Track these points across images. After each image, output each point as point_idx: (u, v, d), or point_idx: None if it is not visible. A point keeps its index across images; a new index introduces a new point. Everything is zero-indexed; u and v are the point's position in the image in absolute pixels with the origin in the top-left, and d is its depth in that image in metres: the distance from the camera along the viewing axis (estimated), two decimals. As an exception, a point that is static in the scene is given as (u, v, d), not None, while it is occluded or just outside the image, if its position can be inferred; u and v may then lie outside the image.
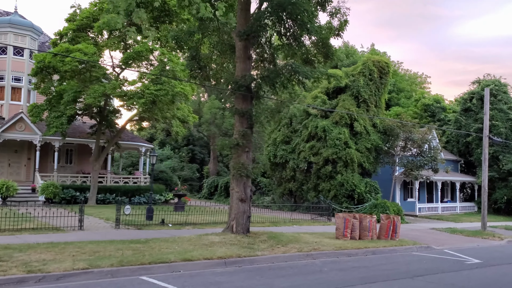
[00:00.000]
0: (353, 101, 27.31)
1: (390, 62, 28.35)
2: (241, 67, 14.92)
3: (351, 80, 27.70)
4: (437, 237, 19.53)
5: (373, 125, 27.62)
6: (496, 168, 34.54)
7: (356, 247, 14.34)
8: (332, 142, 26.60)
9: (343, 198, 26.35)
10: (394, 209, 24.61)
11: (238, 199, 14.51)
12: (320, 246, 13.84)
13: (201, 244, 12.63)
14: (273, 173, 31.16)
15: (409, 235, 19.19)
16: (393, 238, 16.95)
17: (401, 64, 55.16)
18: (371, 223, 16.58)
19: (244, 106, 14.74)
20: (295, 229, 18.67)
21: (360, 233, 16.46)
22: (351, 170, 26.35)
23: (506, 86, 36.13)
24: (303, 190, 28.96)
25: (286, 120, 30.12)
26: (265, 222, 19.98)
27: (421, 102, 40.49)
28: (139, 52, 22.40)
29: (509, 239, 20.00)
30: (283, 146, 29.97)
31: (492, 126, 34.58)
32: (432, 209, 32.52)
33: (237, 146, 14.42)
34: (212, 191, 38.78)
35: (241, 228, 14.45)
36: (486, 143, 22.37)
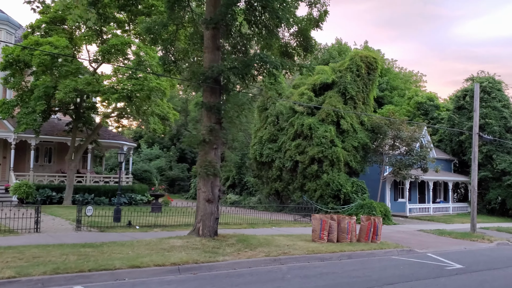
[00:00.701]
0: (340, 98, 26.35)
1: (378, 57, 27.39)
2: (209, 58, 13.96)
3: (338, 76, 26.74)
4: (423, 239, 18.57)
5: (360, 123, 26.65)
6: (490, 168, 33.59)
7: (331, 250, 13.37)
8: (318, 140, 25.65)
9: (329, 198, 25.40)
10: (381, 209, 23.67)
11: (204, 200, 13.55)
12: (292, 250, 12.87)
13: (159, 249, 11.66)
14: (259, 172, 30.20)
15: (394, 237, 18.25)
16: (374, 241, 15.99)
17: (395, 62, 54.27)
18: (350, 224, 15.61)
19: (212, 100, 13.78)
20: (272, 231, 17.72)
21: (338, 236, 15.51)
22: (337, 169, 25.39)
23: (500, 84, 35.16)
24: (289, 190, 28.00)
25: (273, 117, 29.17)
26: (242, 223, 19.02)
27: (414, 100, 39.51)
28: (114, 46, 21.42)
29: (499, 242, 19.04)
30: (269, 145, 29.01)
31: (486, 125, 33.65)
32: (423, 209, 31.55)
33: (204, 142, 13.44)
34: (199, 191, 37.76)
35: (208, 231, 13.49)
36: (476, 141, 21.42)
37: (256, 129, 30.59)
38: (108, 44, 21.57)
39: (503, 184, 32.78)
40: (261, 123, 30.18)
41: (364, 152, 26.71)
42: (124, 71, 21.45)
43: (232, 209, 24.26)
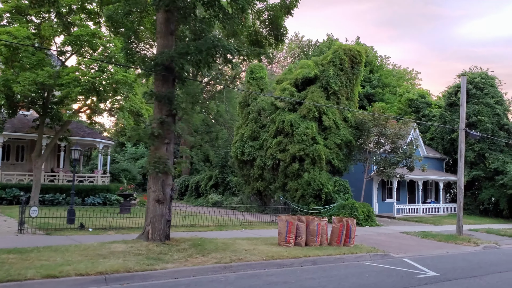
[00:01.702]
0: (322, 93, 25.08)
1: (363, 50, 26.08)
2: (162, 43, 12.72)
3: (321, 71, 25.46)
4: (404, 242, 17.31)
5: (344, 119, 25.37)
6: (483, 167, 32.32)
7: (294, 255, 12.11)
8: (299, 138, 24.40)
9: (310, 198, 24.14)
10: (363, 210, 22.42)
11: (154, 200, 12.30)
12: (249, 256, 11.61)
13: (95, 255, 10.42)
14: (241, 171, 28.95)
15: (372, 240, 17.00)
16: (346, 244, 14.73)
17: (388, 59, 52.93)
18: (320, 227, 14.35)
19: (164, 90, 12.54)
20: (241, 233, 16.48)
21: (307, 239, 14.25)
22: (318, 168, 24.13)
23: (493, 79, 33.88)
24: (270, 189, 26.75)
25: (254, 114, 27.91)
26: (211, 225, 17.78)
27: (405, 97, 38.23)
28: (79, 37, 20.19)
29: (485, 245, 17.78)
30: (250, 142, 27.76)
31: (478, 122, 32.39)
32: (413, 210, 30.27)
33: (153, 136, 12.19)
34: (182, 191, 36.59)
35: (158, 234, 12.23)
36: (463, 138, 20.17)
37: (238, 126, 29.36)
38: (73, 35, 20.34)
39: (496, 183, 31.50)
40: (243, 120, 28.95)
41: (348, 150, 25.46)
42: (88, 63, 20.22)
43: (214, 210, 23.04)
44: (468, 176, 32.72)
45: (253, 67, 29.32)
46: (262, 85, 28.67)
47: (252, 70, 28.98)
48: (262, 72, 28.98)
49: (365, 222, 22.24)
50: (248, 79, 29.00)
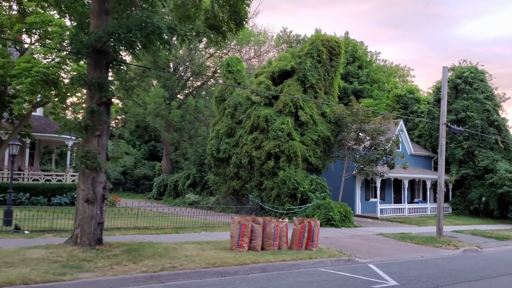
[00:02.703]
0: (299, 87, 23.69)
1: (342, 42, 24.63)
2: (95, 24, 11.34)
3: (298, 63, 24.07)
4: (377, 245, 15.95)
5: (322, 115, 23.99)
6: (472, 165, 30.95)
7: (240, 262, 10.74)
8: (275, 134, 23.04)
9: (285, 198, 22.77)
10: (339, 210, 21.06)
11: (83, 200, 10.92)
12: (187, 263, 10.25)
13: (2, 263, 9.05)
14: (217, 169, 27.56)
15: (342, 243, 15.66)
16: (309, 248, 13.37)
17: (379, 55, 51.52)
18: (278, 229, 12.97)
19: (97, 75, 11.15)
20: (198, 236, 15.11)
21: (264, 242, 12.89)
22: (294, 166, 22.76)
23: (483, 74, 32.50)
24: (246, 189, 25.36)
25: (230, 109, 26.50)
26: (167, 228, 16.39)
27: (393, 93, 36.84)
28: (33, 24, 18.82)
29: (466, 248, 16.43)
30: (226, 139, 26.38)
31: (467, 118, 31.04)
32: (398, 210, 28.91)
33: (81, 127, 10.81)
34: (161, 190, 35.16)
35: (88, 238, 10.85)
36: (443, 132, 18.82)
37: (214, 122, 27.97)
38: (27, 23, 18.97)
39: (486, 182, 30.14)
40: (219, 116, 27.56)
41: (326, 147, 24.08)
42: (43, 52, 18.85)
43: (187, 210, 21.72)
44: (457, 175, 31.42)
45: (229, 60, 27.95)
46: (239, 78, 27.28)
47: (229, 63, 27.60)
48: (239, 65, 27.60)
49: (341, 223, 20.89)
50: (225, 72, 27.62)
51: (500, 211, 31.80)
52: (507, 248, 17.83)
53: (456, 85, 32.20)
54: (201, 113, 33.11)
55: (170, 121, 32.25)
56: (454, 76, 32.67)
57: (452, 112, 31.78)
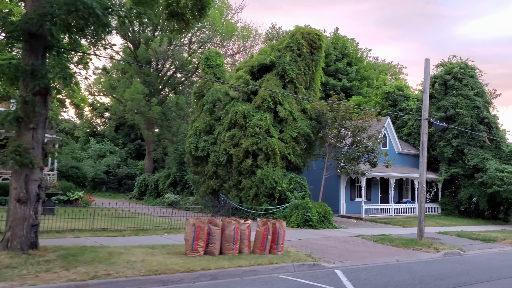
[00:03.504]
0: (279, 81, 22.67)
1: (322, 35, 23.59)
2: (31, 4, 10.27)
3: (277, 56, 23.03)
4: (352, 248, 14.93)
5: (302, 111, 22.96)
6: (461, 164, 29.96)
7: (188, 269, 9.70)
8: (253, 130, 22.00)
9: (263, 198, 21.77)
10: (318, 210, 20.04)
11: (15, 200, 9.85)
12: (125, 270, 9.21)
13: None
14: (195, 168, 26.51)
15: (314, 246, 14.64)
16: (273, 252, 12.35)
17: (370, 52, 50.52)
18: (238, 231, 11.94)
19: (32, 62, 10.10)
20: (159, 239, 14.08)
21: (222, 246, 11.85)
22: (272, 164, 21.74)
23: (473, 70, 31.51)
24: (224, 188, 24.32)
25: (209, 105, 25.44)
26: (127, 229, 15.34)
27: (381, 89, 35.84)
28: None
29: (447, 251, 15.42)
30: (205, 137, 25.32)
31: (456, 115, 30.05)
32: (385, 210, 27.89)
33: (13, 120, 9.75)
34: (143, 190, 34.09)
35: (19, 242, 9.79)
36: (425, 128, 17.81)
37: (193, 119, 26.92)
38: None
39: (476, 182, 29.15)
40: (198, 112, 26.51)
41: (307, 145, 23.06)
42: None
43: (162, 210, 20.78)
44: (446, 174, 30.44)
45: (208, 54, 26.89)
46: (219, 73, 26.23)
47: (208, 57, 26.55)
48: (218, 60, 26.55)
49: (320, 224, 19.88)
50: (203, 67, 26.56)
51: (491, 211, 30.85)
52: (491, 251, 16.83)
53: (445, 81, 31.22)
54: (183, 110, 32.07)
55: (150, 118, 31.18)
56: (443, 72, 31.70)
57: (441, 109, 30.81)
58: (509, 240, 19.49)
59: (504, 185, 27.01)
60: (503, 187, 26.99)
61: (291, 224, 19.83)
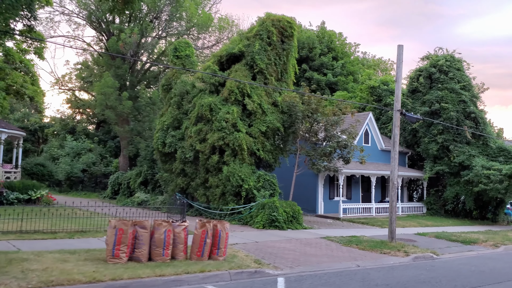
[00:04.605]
0: (248, 72, 21.19)
1: (294, 22, 22.08)
2: None
3: (246, 45, 21.55)
4: (311, 251, 13.47)
5: (273, 104, 21.48)
6: (447, 161, 28.52)
7: (94, 279, 8.24)
8: (219, 124, 20.53)
9: (230, 197, 20.30)
10: (286, 210, 18.58)
11: None
12: (14, 281, 7.77)
13: None
14: (163, 165, 25.02)
15: (269, 249, 13.21)
16: (213, 257, 10.88)
17: (358, 47, 49.05)
18: (169, 234, 10.46)
19: None
20: (94, 242, 12.59)
21: (151, 251, 10.38)
22: (240, 160, 20.28)
23: (460, 62, 30.05)
24: (192, 186, 22.85)
25: (177, 98, 23.95)
26: (62, 232, 13.80)
27: (365, 84, 34.37)
28: None
29: (417, 255, 13.96)
30: (172, 132, 23.84)
31: (441, 110, 28.61)
32: (366, 210, 26.44)
33: None
34: (116, 189, 32.56)
35: None
36: (397, 121, 16.35)
37: (161, 113, 25.44)
38: None
39: (462, 180, 27.71)
40: (166, 106, 25.03)
41: (279, 140, 21.61)
42: None
43: (133, 211, 19.05)
44: (431, 172, 29.01)
45: (177, 44, 25.39)
46: (188, 64, 24.73)
47: (176, 48, 25.05)
48: (188, 50, 25.04)
49: (287, 224, 18.42)
50: (172, 57, 25.06)
51: (479, 211, 29.43)
52: (469, 254, 15.39)
53: (430, 75, 29.78)
54: (156, 104, 30.60)
55: (121, 113, 29.68)
56: (428, 65, 30.24)
57: (426, 104, 29.37)
58: (491, 242, 18.07)
59: (490, 183, 25.58)
60: (489, 185, 25.57)
61: (256, 225, 18.37)
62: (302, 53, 40.32)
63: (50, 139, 47.62)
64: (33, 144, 51.86)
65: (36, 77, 22.28)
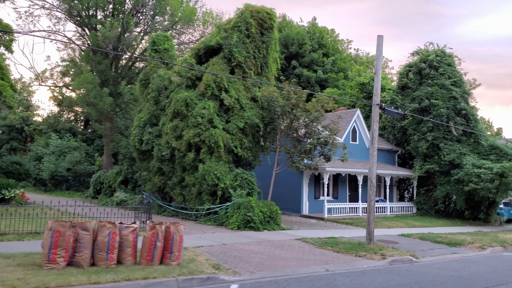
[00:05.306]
0: (225, 65, 20.27)
1: (274, 13, 21.10)
2: None
3: (223, 37, 20.63)
4: (280, 254, 12.55)
5: (252, 99, 20.56)
6: (437, 159, 27.59)
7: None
8: (195, 120, 19.62)
9: (205, 196, 19.39)
10: (263, 210, 17.67)
11: None
12: None
13: None
14: (141, 163, 24.12)
15: (234, 253, 12.29)
16: (165, 262, 9.97)
17: (351, 43, 48.15)
18: (114, 237, 9.54)
19: None
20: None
21: (94, 255, 9.46)
22: (216, 158, 19.36)
23: (451, 57, 29.12)
24: (168, 185, 21.95)
25: (154, 93, 23.03)
26: (13, 233, 12.93)
27: (355, 81, 33.46)
28: None
29: (395, 258, 13.06)
30: (149, 129, 22.95)
31: (431, 106, 27.70)
32: (352, 210, 25.51)
33: None
34: (98, 188, 31.62)
35: None
36: (376, 115, 15.44)
37: (139, 109, 24.54)
38: None
39: (452, 178, 26.79)
40: (144, 102, 24.12)
41: (259, 137, 20.69)
42: None
43: (108, 211, 18.17)
44: (421, 171, 28.09)
45: (155, 37, 24.47)
46: (167, 58, 23.81)
47: (155, 41, 24.13)
48: (167, 44, 24.13)
49: (264, 225, 17.50)
50: (150, 51, 24.15)
51: (471, 211, 28.52)
52: (452, 257, 14.49)
53: (420, 70, 28.87)
54: (138, 101, 29.68)
55: (102, 110, 28.75)
56: (418, 60, 29.32)
57: (416, 100, 28.46)
58: (477, 243, 17.17)
59: (481, 182, 24.68)
60: (480, 184, 24.66)
61: (231, 226, 17.45)
62: (292, 49, 39.42)
63: (36, 138, 46.69)
64: (19, 142, 50.95)
65: (6, 71, 21.36)
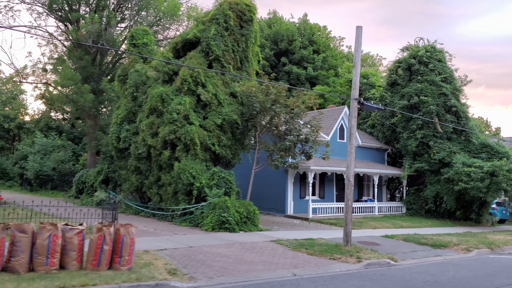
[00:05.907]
0: (203, 59, 19.46)
1: (254, 5, 20.29)
2: None
3: (201, 30, 19.83)
4: (248, 258, 11.75)
5: (231, 94, 19.76)
6: (427, 158, 26.80)
7: None
8: (170, 117, 18.83)
9: (181, 196, 18.59)
10: (240, 210, 16.86)
11: None
12: None
13: None
14: (119, 162, 23.33)
15: (199, 256, 11.50)
16: (114, 266, 9.16)
17: (343, 40, 47.37)
18: (55, 240, 8.73)
19: None
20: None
21: (33, 260, 8.66)
22: (192, 156, 18.56)
23: (442, 53, 28.33)
24: (145, 185, 21.15)
25: (132, 89, 22.23)
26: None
27: (345, 78, 32.67)
28: None
29: (372, 261, 12.27)
30: (127, 126, 22.16)
31: (421, 103, 26.92)
32: (339, 210, 24.66)
33: None
34: (80, 188, 30.80)
35: None
36: (355, 111, 14.63)
37: (117, 105, 23.73)
38: None
39: (442, 178, 26.01)
40: (122, 98, 23.32)
41: (239, 134, 19.89)
42: None
43: (84, 211, 17.32)
44: (410, 169, 27.32)
45: (134, 31, 23.67)
46: (145, 53, 23.03)
47: (133, 35, 23.34)
48: (146, 38, 23.34)
49: (240, 226, 16.69)
50: (128, 46, 23.37)
51: (463, 211, 27.72)
52: (434, 260, 13.71)
53: (409, 66, 28.09)
54: (120, 98, 28.86)
55: (82, 107, 27.93)
56: (408, 56, 28.54)
57: (405, 97, 27.68)
58: (463, 245, 16.40)
59: (471, 181, 23.91)
60: (470, 183, 23.89)
61: (205, 227, 16.65)
62: (282, 46, 38.64)
63: (22, 137, 45.90)
64: (7, 141, 50.11)
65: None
